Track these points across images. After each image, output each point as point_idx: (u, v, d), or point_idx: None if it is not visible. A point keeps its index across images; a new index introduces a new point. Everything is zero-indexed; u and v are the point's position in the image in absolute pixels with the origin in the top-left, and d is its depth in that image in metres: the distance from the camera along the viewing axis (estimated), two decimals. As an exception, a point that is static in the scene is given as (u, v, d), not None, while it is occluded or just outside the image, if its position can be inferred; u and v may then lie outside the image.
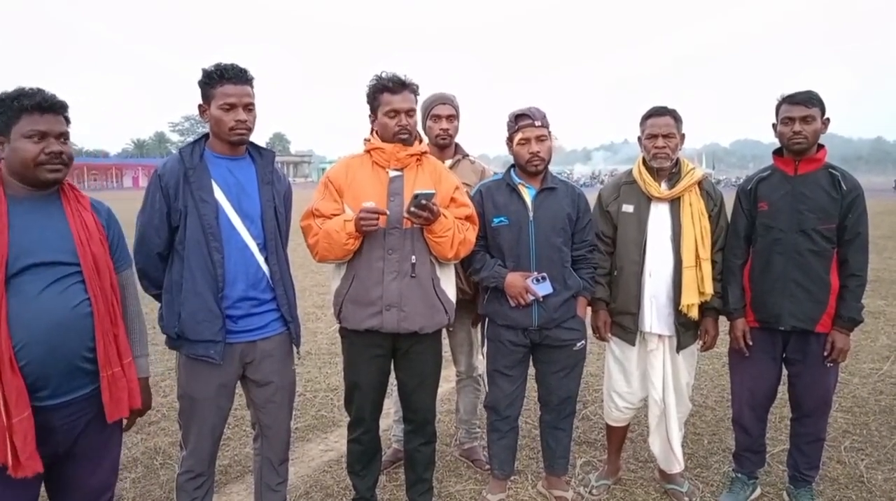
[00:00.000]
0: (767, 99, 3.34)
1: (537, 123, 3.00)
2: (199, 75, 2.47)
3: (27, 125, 1.95)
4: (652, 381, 3.25)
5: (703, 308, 3.14)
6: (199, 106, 2.49)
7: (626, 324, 3.22)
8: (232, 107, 2.42)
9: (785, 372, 3.19)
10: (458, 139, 3.62)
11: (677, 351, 3.19)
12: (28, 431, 1.86)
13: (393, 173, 2.79)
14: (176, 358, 2.63)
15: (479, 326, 3.53)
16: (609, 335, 3.31)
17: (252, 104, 2.49)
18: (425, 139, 3.14)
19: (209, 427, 2.60)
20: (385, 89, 2.74)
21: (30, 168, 1.97)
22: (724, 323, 3.24)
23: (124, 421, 2.24)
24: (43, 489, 2.12)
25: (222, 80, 2.41)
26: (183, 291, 2.44)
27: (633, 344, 3.24)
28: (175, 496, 2.71)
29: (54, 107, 2.01)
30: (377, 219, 2.61)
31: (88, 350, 2.02)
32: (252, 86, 2.50)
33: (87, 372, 2.03)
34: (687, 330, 3.17)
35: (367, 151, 2.82)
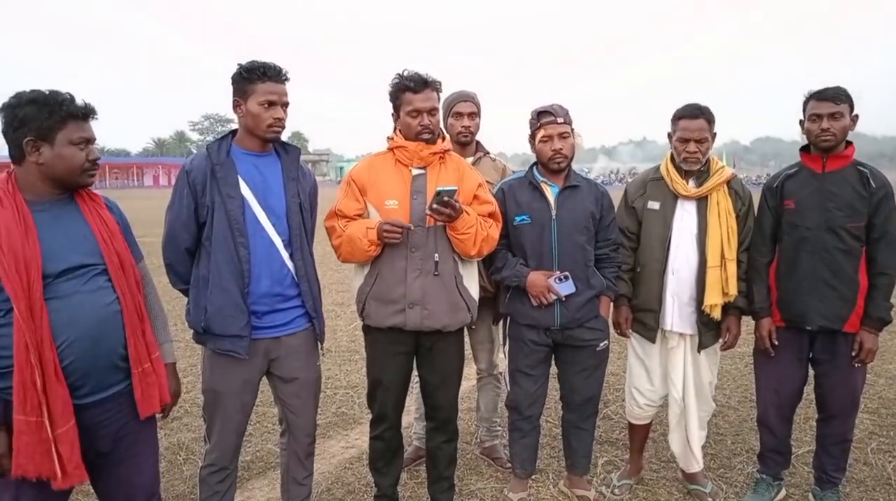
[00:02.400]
0: (788, 96, 3.29)
1: (560, 120, 2.98)
2: (238, 72, 2.48)
3: (75, 132, 1.97)
4: (672, 380, 3.22)
5: (726, 306, 3.11)
6: (234, 100, 2.51)
7: (647, 322, 3.20)
8: (272, 104, 2.46)
9: (811, 372, 3.14)
10: (478, 137, 3.62)
11: (699, 351, 3.16)
12: (73, 441, 1.90)
13: (416, 171, 2.79)
14: (201, 353, 2.66)
15: (501, 324, 3.53)
16: (629, 331, 3.29)
17: (288, 104, 2.54)
18: (448, 137, 3.14)
19: (233, 421, 2.62)
20: (407, 89, 2.73)
21: (75, 174, 2.00)
22: (748, 322, 3.20)
23: (159, 418, 2.29)
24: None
25: (264, 77, 2.45)
26: (210, 286, 2.46)
27: (654, 342, 3.22)
28: (198, 490, 2.73)
29: (93, 114, 2.05)
30: (401, 233, 2.63)
31: (122, 347, 2.06)
32: (285, 85, 2.54)
33: (121, 368, 2.07)
34: (709, 329, 3.13)
35: (391, 149, 2.83)
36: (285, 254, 2.56)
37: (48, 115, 1.93)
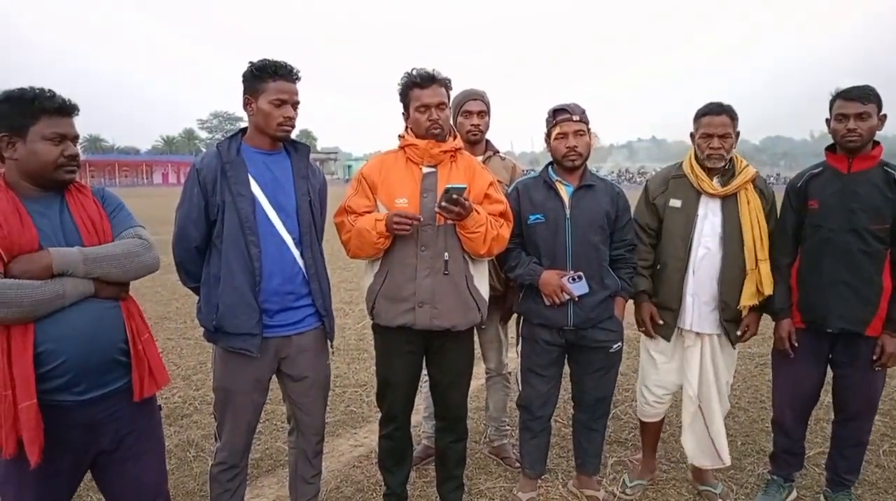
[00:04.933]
0: (797, 95, 3.24)
1: (575, 118, 2.96)
2: (249, 70, 2.49)
3: (47, 127, 1.95)
4: (688, 379, 3.19)
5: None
6: (245, 98, 2.51)
7: (666, 320, 3.17)
8: (283, 103, 2.46)
9: (828, 373, 3.10)
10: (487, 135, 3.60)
11: (733, 346, 3.15)
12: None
13: (426, 169, 2.78)
14: (212, 351, 2.66)
15: (515, 323, 3.51)
16: (655, 327, 3.23)
17: (298, 103, 2.54)
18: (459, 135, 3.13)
19: (244, 420, 2.62)
20: (415, 85, 2.73)
21: (48, 170, 1.97)
22: (765, 322, 3.17)
23: (164, 415, 2.29)
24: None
25: (276, 76, 2.45)
26: (221, 284, 2.46)
27: (669, 340, 3.19)
28: (209, 487, 2.74)
29: (71, 110, 2.03)
30: (411, 224, 2.62)
31: (123, 341, 2.05)
32: (296, 84, 2.54)
33: (121, 364, 2.07)
34: (735, 326, 3.11)
35: (402, 148, 2.83)
36: (296, 252, 2.55)
37: (20, 112, 1.94)
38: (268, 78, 2.45)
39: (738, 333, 3.14)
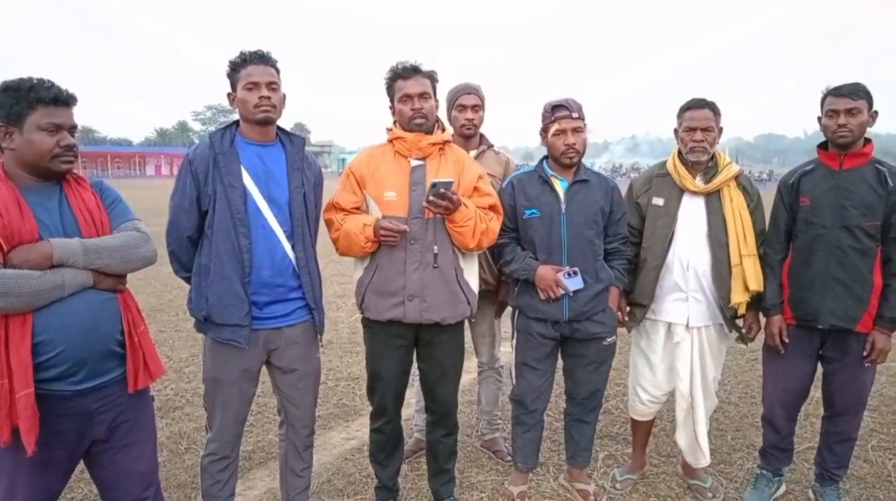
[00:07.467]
0: (791, 93, 3.25)
1: (574, 115, 2.95)
2: (226, 67, 2.52)
3: (44, 117, 1.95)
4: (679, 374, 3.21)
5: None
6: (228, 94, 2.53)
7: (635, 314, 3.24)
8: (255, 85, 2.46)
9: (818, 369, 3.12)
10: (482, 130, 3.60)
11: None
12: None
13: (415, 162, 2.78)
14: (202, 342, 2.66)
15: (509, 317, 3.51)
16: (627, 319, 3.31)
17: (275, 83, 2.51)
18: (449, 128, 3.13)
19: (233, 410, 2.62)
20: (398, 76, 2.76)
21: (44, 160, 1.97)
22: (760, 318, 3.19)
23: (157, 407, 2.29)
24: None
25: (245, 63, 2.47)
26: (211, 275, 2.46)
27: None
28: (200, 479, 2.74)
29: (68, 101, 2.02)
30: (398, 236, 2.64)
31: (119, 333, 2.06)
32: (275, 68, 2.53)
33: (117, 355, 2.07)
34: (738, 319, 3.14)
35: (390, 141, 2.82)
36: (287, 245, 2.55)
37: (16, 101, 1.93)
38: (239, 68, 2.47)
39: (745, 331, 3.17)
